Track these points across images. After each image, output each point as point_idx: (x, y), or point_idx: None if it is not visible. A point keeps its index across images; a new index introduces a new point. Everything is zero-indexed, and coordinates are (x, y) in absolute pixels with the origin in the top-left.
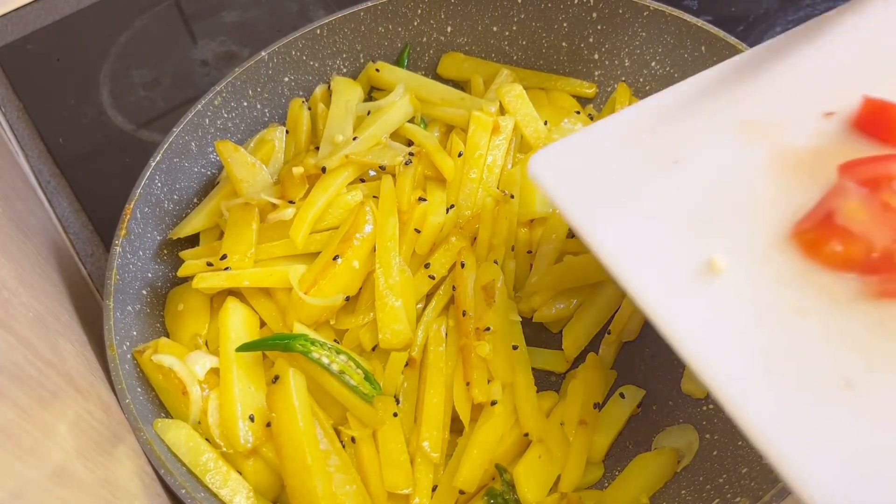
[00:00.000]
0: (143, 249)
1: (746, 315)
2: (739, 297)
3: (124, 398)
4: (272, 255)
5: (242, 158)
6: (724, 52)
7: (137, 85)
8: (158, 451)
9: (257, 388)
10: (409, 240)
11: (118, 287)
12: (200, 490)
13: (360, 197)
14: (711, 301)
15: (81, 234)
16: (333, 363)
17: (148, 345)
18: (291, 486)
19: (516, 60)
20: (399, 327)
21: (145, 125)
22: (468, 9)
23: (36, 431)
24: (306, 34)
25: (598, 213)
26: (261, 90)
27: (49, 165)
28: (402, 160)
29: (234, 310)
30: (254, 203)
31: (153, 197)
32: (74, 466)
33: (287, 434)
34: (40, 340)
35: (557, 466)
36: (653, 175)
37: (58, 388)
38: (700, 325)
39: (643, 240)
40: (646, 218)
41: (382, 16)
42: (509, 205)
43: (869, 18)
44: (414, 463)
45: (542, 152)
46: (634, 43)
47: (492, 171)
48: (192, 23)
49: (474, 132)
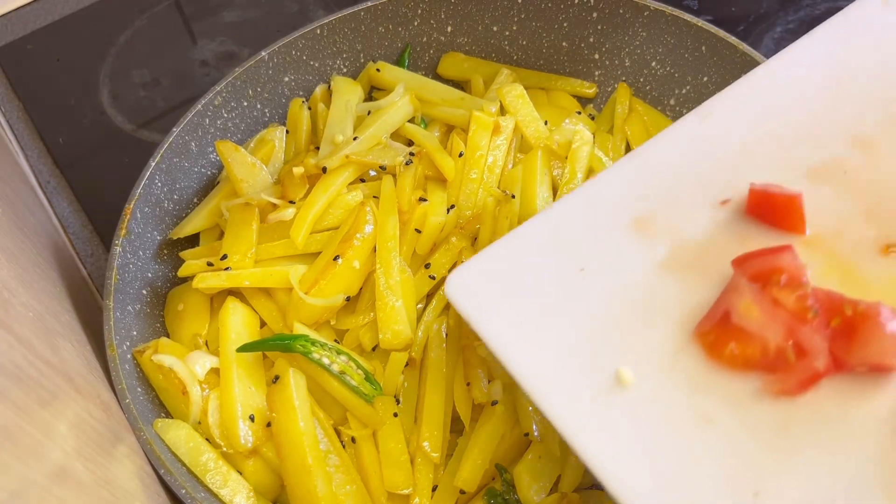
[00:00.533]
0: (143, 249)
1: (655, 428)
2: (648, 409)
3: (124, 398)
4: (272, 256)
5: (243, 158)
6: (724, 51)
7: (137, 85)
8: (158, 451)
9: (257, 388)
10: (410, 240)
11: (118, 287)
12: (200, 490)
13: (360, 197)
14: (620, 414)
15: (81, 234)
16: (334, 364)
17: (148, 345)
18: (291, 486)
19: (516, 60)
20: (399, 327)
21: (145, 125)
22: (468, 9)
23: (35, 431)
24: (306, 34)
25: (510, 331)
26: (261, 90)
27: (49, 165)
28: (403, 160)
29: (234, 310)
30: (254, 203)
31: (153, 197)
32: (74, 466)
33: (287, 434)
34: (40, 340)
35: (557, 466)
36: (561, 286)
37: (57, 388)
38: (609, 441)
39: (553, 355)
40: (555, 331)
41: (382, 16)
42: (510, 204)
43: (758, 93)
44: (414, 463)
45: (457, 273)
46: (635, 43)
47: (492, 171)
48: (191, 23)
49: (475, 132)
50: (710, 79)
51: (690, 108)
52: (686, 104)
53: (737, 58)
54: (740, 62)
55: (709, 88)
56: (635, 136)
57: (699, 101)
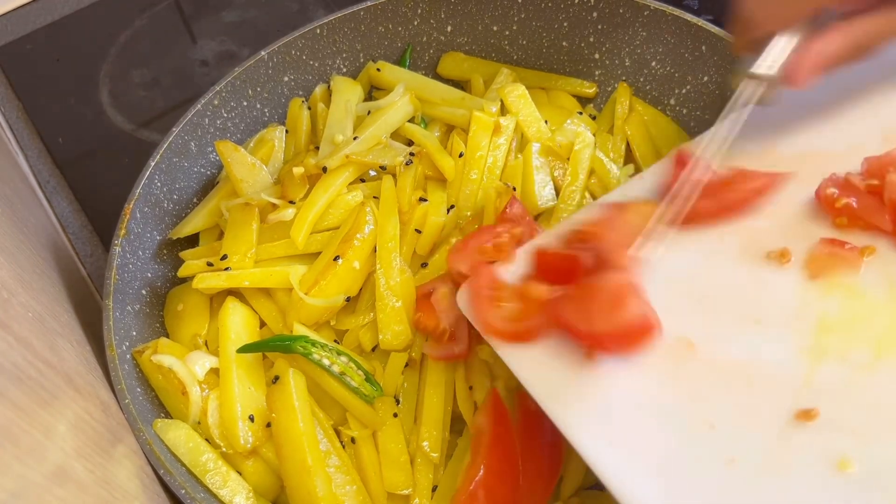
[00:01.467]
0: (142, 249)
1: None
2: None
3: (124, 398)
4: (272, 256)
5: (242, 158)
6: (724, 51)
7: (137, 85)
8: (158, 452)
9: (257, 389)
10: (410, 240)
11: (118, 287)
12: (200, 490)
13: (360, 197)
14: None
15: (81, 234)
16: (334, 364)
17: (148, 345)
18: (291, 486)
19: (516, 60)
20: (399, 328)
21: (145, 125)
22: (468, 8)
23: (35, 431)
24: (306, 34)
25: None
26: (260, 90)
27: (48, 165)
28: (403, 160)
29: (234, 310)
30: (254, 203)
31: (153, 197)
32: (74, 467)
33: (287, 434)
34: (39, 340)
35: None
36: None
37: (57, 388)
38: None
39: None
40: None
41: (382, 15)
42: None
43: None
44: (414, 463)
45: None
46: (635, 42)
47: (492, 171)
48: (191, 22)
49: (475, 132)
50: (710, 79)
51: (690, 108)
52: (686, 104)
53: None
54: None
55: (709, 88)
56: (635, 135)
57: (699, 101)
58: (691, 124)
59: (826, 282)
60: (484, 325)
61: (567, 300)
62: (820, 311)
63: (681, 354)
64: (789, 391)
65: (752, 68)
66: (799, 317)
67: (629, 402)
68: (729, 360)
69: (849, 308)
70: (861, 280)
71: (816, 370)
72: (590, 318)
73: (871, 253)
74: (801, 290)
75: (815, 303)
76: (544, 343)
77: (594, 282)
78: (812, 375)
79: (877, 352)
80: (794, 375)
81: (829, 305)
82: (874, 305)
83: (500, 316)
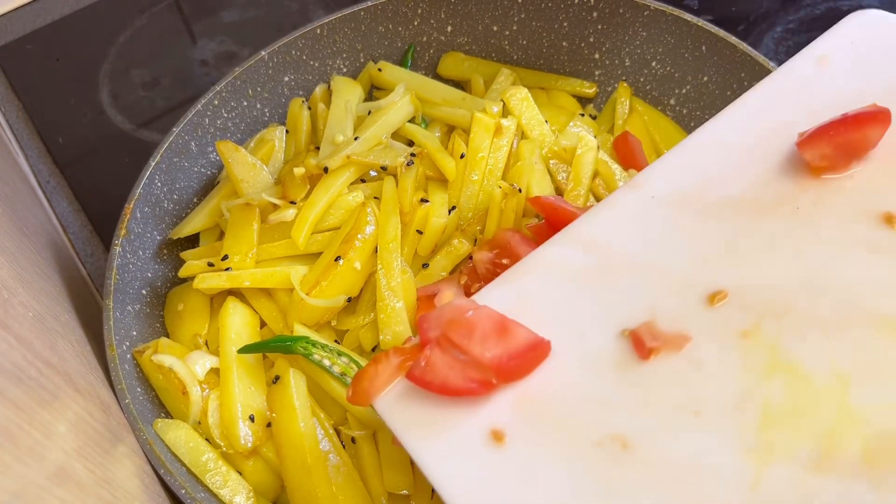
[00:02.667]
0: (142, 249)
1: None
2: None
3: (124, 398)
4: (273, 256)
5: (243, 158)
6: (724, 51)
7: (137, 84)
8: (158, 452)
9: (257, 389)
10: (411, 241)
11: (118, 287)
12: (200, 490)
13: (361, 198)
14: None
15: (81, 234)
16: (335, 365)
17: (148, 345)
18: (291, 486)
19: (516, 60)
20: (400, 328)
21: (145, 125)
22: (468, 8)
23: (35, 431)
24: (306, 34)
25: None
26: (261, 90)
27: (48, 165)
28: (404, 161)
29: (234, 310)
30: (255, 203)
31: (153, 197)
32: (74, 466)
33: (287, 434)
34: (40, 340)
35: None
36: None
37: (57, 388)
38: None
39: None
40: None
41: (382, 15)
42: (517, 198)
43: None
44: (414, 463)
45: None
46: (635, 42)
47: (493, 172)
48: (191, 22)
49: (476, 133)
50: (710, 78)
51: (690, 108)
52: (686, 104)
53: (737, 58)
54: (740, 62)
55: (709, 88)
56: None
57: (699, 101)
58: (691, 124)
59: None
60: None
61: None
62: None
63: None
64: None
65: None
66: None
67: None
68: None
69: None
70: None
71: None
72: (483, 345)
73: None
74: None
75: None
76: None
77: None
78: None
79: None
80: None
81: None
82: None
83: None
